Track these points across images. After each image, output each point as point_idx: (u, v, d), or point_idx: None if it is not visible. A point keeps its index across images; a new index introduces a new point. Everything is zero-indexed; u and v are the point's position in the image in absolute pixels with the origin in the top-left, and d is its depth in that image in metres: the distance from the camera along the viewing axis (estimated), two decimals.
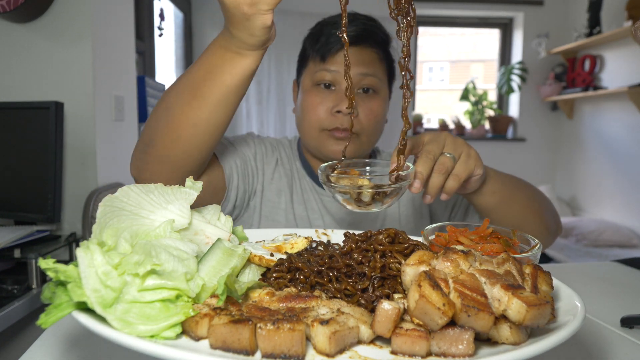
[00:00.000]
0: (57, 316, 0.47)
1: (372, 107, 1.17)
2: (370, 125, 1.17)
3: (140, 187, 0.65)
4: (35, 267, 1.49)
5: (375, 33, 1.20)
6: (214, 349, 0.48)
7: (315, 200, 1.24)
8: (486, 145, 5.29)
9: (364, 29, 1.17)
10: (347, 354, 0.48)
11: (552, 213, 1.14)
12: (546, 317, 0.50)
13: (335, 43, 1.15)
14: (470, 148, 0.90)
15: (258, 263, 0.67)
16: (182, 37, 4.47)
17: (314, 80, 1.18)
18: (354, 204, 0.82)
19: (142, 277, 0.51)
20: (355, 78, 1.14)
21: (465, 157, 0.88)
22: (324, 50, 1.17)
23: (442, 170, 0.85)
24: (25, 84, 1.99)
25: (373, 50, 1.19)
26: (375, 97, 1.18)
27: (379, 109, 1.19)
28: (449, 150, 0.87)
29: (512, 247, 0.71)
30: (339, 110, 1.13)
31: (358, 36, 1.16)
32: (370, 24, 1.20)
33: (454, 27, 5.65)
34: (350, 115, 0.98)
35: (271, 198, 1.21)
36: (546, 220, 1.10)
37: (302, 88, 1.23)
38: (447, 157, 0.86)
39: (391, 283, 0.60)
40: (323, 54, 1.17)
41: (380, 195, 0.81)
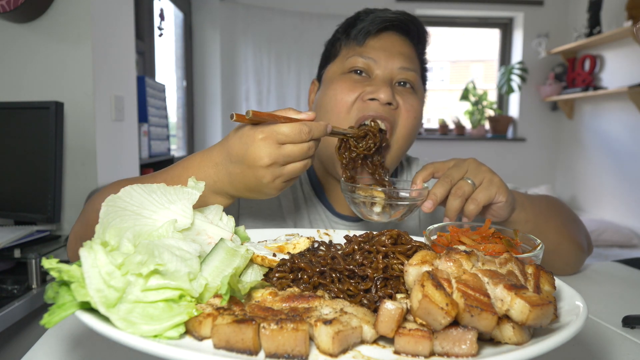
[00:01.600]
0: (61, 316, 0.47)
1: (413, 104, 1.05)
2: (409, 124, 1.04)
3: (143, 187, 0.65)
4: (35, 267, 1.48)
5: (419, 24, 1.10)
6: (218, 349, 0.48)
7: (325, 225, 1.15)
8: (486, 145, 5.30)
9: (408, 18, 1.07)
10: (350, 354, 0.48)
11: (584, 233, 1.12)
12: (549, 317, 0.50)
13: (375, 24, 1.04)
14: (494, 175, 0.90)
15: (261, 263, 0.67)
16: (182, 37, 4.47)
17: (345, 67, 1.05)
18: (366, 212, 0.92)
19: (145, 277, 0.51)
20: (394, 70, 1.03)
21: (487, 183, 0.88)
22: (361, 33, 1.05)
23: (459, 194, 0.86)
24: (25, 84, 1.99)
25: (412, 44, 1.09)
26: (415, 95, 1.07)
27: (419, 108, 1.07)
28: (470, 175, 0.88)
29: (515, 247, 0.71)
30: (375, 97, 0.99)
31: (401, 20, 1.05)
32: (412, 17, 1.09)
33: (454, 27, 5.65)
34: (388, 107, 1.00)
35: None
36: (580, 241, 1.08)
37: (327, 79, 1.09)
38: (466, 182, 0.87)
39: (394, 283, 0.60)
40: (360, 37, 1.05)
41: (391, 208, 0.90)
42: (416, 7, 5.06)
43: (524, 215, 0.96)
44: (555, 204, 1.10)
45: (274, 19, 4.73)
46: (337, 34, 1.13)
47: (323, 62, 1.16)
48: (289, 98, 4.89)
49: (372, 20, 1.05)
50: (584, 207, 4.92)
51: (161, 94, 3.17)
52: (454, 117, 5.47)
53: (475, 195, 0.87)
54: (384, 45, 1.05)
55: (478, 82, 5.47)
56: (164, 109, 3.23)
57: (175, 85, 4.41)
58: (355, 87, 1.01)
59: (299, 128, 0.75)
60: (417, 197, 0.90)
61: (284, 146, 0.75)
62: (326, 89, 1.07)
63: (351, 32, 1.07)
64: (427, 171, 0.93)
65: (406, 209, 0.91)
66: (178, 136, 4.51)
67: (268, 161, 0.74)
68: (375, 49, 1.04)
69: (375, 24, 1.04)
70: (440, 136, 5.38)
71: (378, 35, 1.05)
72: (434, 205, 0.87)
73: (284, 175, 0.77)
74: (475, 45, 7.08)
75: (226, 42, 4.65)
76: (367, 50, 1.04)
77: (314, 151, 0.79)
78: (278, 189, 0.79)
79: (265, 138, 0.74)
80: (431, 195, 0.88)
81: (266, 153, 0.74)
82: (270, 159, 0.74)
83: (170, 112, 3.68)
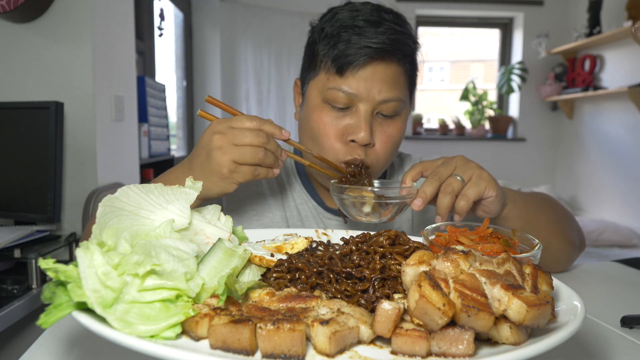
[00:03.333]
0: (57, 316, 0.47)
1: (392, 133, 1.03)
2: (386, 155, 1.04)
3: (140, 187, 0.65)
4: (35, 267, 1.49)
5: (405, 45, 1.01)
6: (214, 349, 0.48)
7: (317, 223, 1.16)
8: (486, 145, 5.30)
9: (394, 40, 0.98)
10: (347, 354, 0.48)
11: (576, 230, 1.12)
12: (546, 317, 0.50)
13: (357, 56, 0.96)
14: (482, 170, 0.90)
15: (258, 263, 0.67)
16: (182, 37, 4.47)
17: (325, 97, 1.01)
18: (356, 214, 0.93)
19: (142, 277, 0.51)
20: (375, 102, 0.99)
21: (476, 178, 0.88)
22: (342, 63, 0.98)
23: (448, 191, 0.87)
24: (25, 84, 1.99)
25: (400, 65, 1.01)
26: (395, 120, 1.04)
27: (398, 134, 1.05)
28: (459, 172, 0.89)
29: (512, 247, 0.71)
30: (354, 139, 0.99)
31: (385, 50, 0.97)
32: (400, 31, 1.01)
33: (454, 27, 5.65)
34: (365, 146, 1.02)
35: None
36: (571, 238, 1.08)
37: (309, 98, 1.06)
38: (455, 178, 0.88)
39: (391, 283, 0.60)
40: (340, 67, 0.98)
41: (380, 208, 0.91)
42: (416, 7, 5.07)
43: (516, 211, 0.96)
44: (547, 200, 1.10)
45: (274, 19, 4.73)
46: (317, 45, 1.05)
47: (305, 69, 1.11)
48: (288, 98, 4.89)
49: (354, 52, 0.97)
50: (584, 207, 4.92)
51: (161, 94, 3.17)
52: (454, 117, 5.47)
53: (465, 191, 0.87)
54: (366, 77, 0.98)
55: (478, 82, 5.47)
56: (164, 109, 3.23)
57: (175, 85, 4.41)
58: (337, 123, 1.01)
59: (250, 117, 0.85)
60: (407, 195, 0.91)
61: (235, 128, 0.84)
62: (309, 114, 1.05)
63: (331, 53, 1.00)
64: (416, 170, 0.93)
65: (396, 208, 0.92)
66: (178, 136, 4.51)
67: (218, 137, 0.83)
68: (356, 81, 0.98)
69: (357, 56, 0.97)
70: (440, 136, 5.38)
71: (360, 67, 0.98)
72: (423, 203, 0.88)
73: (234, 153, 0.83)
74: (475, 45, 7.08)
75: (226, 42, 4.65)
76: (347, 83, 0.98)
77: (269, 148, 0.85)
78: (227, 169, 0.84)
79: (219, 121, 0.86)
80: (420, 193, 0.88)
81: (217, 129, 0.84)
82: (220, 134, 0.83)
83: (170, 112, 3.68)
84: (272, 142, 0.86)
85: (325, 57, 1.01)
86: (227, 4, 4.62)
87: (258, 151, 0.84)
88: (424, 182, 0.89)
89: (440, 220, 0.89)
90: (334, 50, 0.99)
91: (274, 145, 0.87)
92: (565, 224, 1.08)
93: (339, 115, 1.01)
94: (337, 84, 0.99)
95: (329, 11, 1.06)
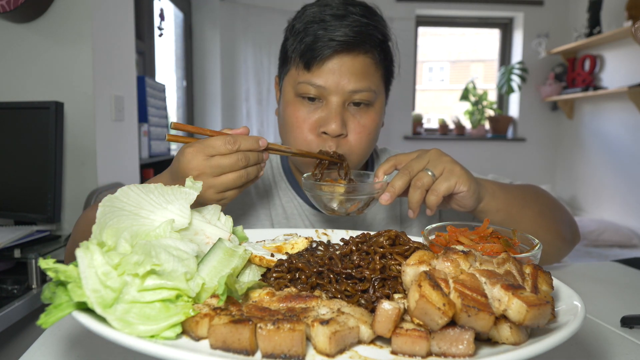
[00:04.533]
0: (58, 316, 0.47)
1: (365, 123, 1.03)
2: (361, 145, 1.04)
3: (140, 187, 0.65)
4: (35, 267, 1.48)
5: (371, 36, 1.01)
6: (214, 349, 0.48)
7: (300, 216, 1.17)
8: (486, 145, 5.30)
9: (359, 31, 0.99)
10: (347, 354, 0.48)
11: (567, 223, 1.10)
12: (546, 317, 0.50)
13: (322, 49, 0.97)
14: (455, 165, 0.89)
15: (258, 263, 0.67)
16: (182, 37, 4.47)
17: (297, 91, 1.03)
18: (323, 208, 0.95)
19: (142, 277, 0.51)
20: (345, 94, 1.00)
21: (447, 173, 0.88)
22: (308, 58, 0.99)
23: (418, 185, 0.87)
24: (25, 84, 1.99)
25: (368, 56, 1.01)
26: (368, 111, 1.04)
27: (372, 124, 1.05)
28: (431, 166, 0.88)
29: (512, 247, 0.71)
30: (325, 131, 1.00)
31: (349, 43, 0.98)
32: (365, 23, 1.00)
33: (454, 27, 5.66)
34: (337, 137, 1.02)
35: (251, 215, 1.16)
36: (561, 232, 1.06)
37: (284, 93, 1.08)
38: (426, 173, 0.88)
39: (392, 283, 0.60)
40: (307, 62, 1.00)
41: (347, 202, 0.92)
42: (416, 7, 5.07)
43: (495, 204, 0.95)
44: (535, 192, 1.09)
45: (274, 19, 4.73)
46: (287, 36, 1.08)
47: (280, 65, 1.12)
48: None
49: (320, 45, 0.98)
50: (584, 207, 4.92)
51: (161, 94, 3.17)
52: (454, 117, 5.47)
53: (435, 186, 0.87)
54: (333, 70, 0.99)
55: (478, 82, 5.47)
56: (164, 109, 3.23)
57: (175, 85, 4.41)
58: (308, 117, 1.02)
59: (224, 139, 0.81)
60: (375, 190, 0.91)
61: (212, 158, 0.80)
62: (284, 109, 1.07)
63: (298, 48, 1.01)
64: (389, 163, 0.93)
65: (362, 203, 0.92)
66: None
67: (196, 172, 0.80)
68: (323, 75, 0.99)
69: (322, 49, 0.97)
70: (440, 136, 5.38)
71: (326, 60, 0.99)
72: (391, 198, 0.88)
73: (217, 186, 0.81)
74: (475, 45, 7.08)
75: (226, 42, 4.65)
76: (315, 77, 0.99)
77: (251, 163, 0.83)
78: (214, 200, 0.82)
79: (194, 151, 0.81)
80: (389, 187, 0.88)
81: (194, 164, 0.80)
82: (198, 170, 0.80)
83: (170, 112, 3.68)
84: (252, 157, 0.84)
85: (294, 52, 1.03)
86: (227, 4, 4.62)
87: (241, 175, 0.82)
88: (394, 176, 0.89)
89: (412, 214, 0.89)
90: (301, 45, 1.01)
91: (255, 158, 0.85)
92: (553, 217, 1.06)
93: (311, 109, 1.02)
94: (306, 78, 1.00)
95: (302, 8, 1.08)
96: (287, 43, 1.07)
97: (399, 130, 5.21)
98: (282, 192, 1.20)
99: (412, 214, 0.89)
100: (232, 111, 4.80)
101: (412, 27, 5.07)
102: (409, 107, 5.26)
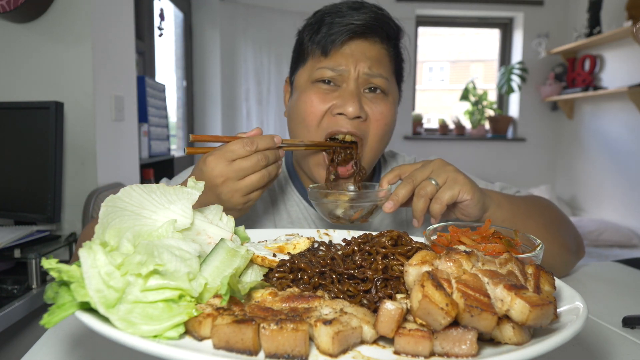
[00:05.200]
0: (61, 316, 0.47)
1: (383, 111, 1.04)
2: (380, 132, 1.04)
3: (142, 187, 0.65)
4: (35, 267, 1.48)
5: (387, 24, 1.05)
6: (217, 349, 0.48)
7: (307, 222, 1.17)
8: (486, 145, 5.30)
9: (375, 18, 1.02)
10: (350, 354, 0.48)
11: (572, 236, 1.09)
12: (549, 317, 0.50)
13: (340, 34, 1.00)
14: (458, 173, 0.89)
15: (261, 264, 0.67)
16: (182, 37, 4.47)
17: (313, 77, 1.04)
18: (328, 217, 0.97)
19: (144, 277, 0.51)
20: (362, 76, 1.02)
21: (450, 182, 0.88)
22: (326, 43, 1.02)
23: (422, 194, 0.87)
24: (25, 84, 1.99)
25: (382, 46, 1.05)
26: (385, 99, 1.05)
27: (390, 115, 1.06)
28: (434, 175, 0.89)
29: (515, 247, 0.71)
30: (342, 112, 1.00)
31: (367, 26, 1.01)
32: (380, 14, 1.05)
33: (454, 27, 5.66)
34: (356, 120, 1.02)
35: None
36: (567, 244, 1.05)
37: (297, 86, 1.08)
38: (429, 182, 0.88)
39: (394, 284, 0.60)
40: (324, 47, 1.02)
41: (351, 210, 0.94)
42: (416, 7, 5.07)
43: (500, 214, 0.95)
44: (540, 204, 1.08)
45: (274, 19, 4.73)
46: (302, 36, 1.10)
47: (293, 64, 1.14)
48: None
49: (337, 30, 1.01)
50: (584, 207, 4.92)
51: (161, 94, 3.17)
52: (454, 117, 5.47)
53: (439, 195, 0.87)
54: (350, 53, 1.02)
55: (478, 82, 5.47)
56: (164, 109, 3.23)
57: (175, 85, 4.41)
58: (324, 99, 1.02)
59: (242, 142, 0.83)
60: (379, 197, 0.93)
61: (234, 162, 0.83)
62: (297, 99, 1.07)
63: (315, 38, 1.04)
64: (393, 173, 0.95)
65: (365, 210, 0.95)
66: (178, 136, 4.51)
67: (221, 179, 0.83)
68: (341, 58, 1.02)
69: (340, 34, 1.00)
70: (440, 136, 5.38)
71: (343, 44, 1.02)
72: (395, 206, 0.89)
73: (242, 189, 0.83)
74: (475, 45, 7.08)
75: (226, 42, 4.65)
76: (333, 61, 1.02)
77: (271, 162, 0.86)
78: (242, 203, 0.85)
79: (215, 158, 0.83)
80: (393, 196, 0.90)
81: (218, 171, 0.82)
82: (223, 176, 0.83)
83: (170, 112, 3.68)
84: (270, 155, 0.86)
85: (310, 43, 1.05)
86: (227, 4, 4.61)
87: (263, 175, 0.85)
88: (398, 185, 0.91)
89: (416, 224, 0.90)
90: (318, 35, 1.03)
91: (273, 156, 0.87)
92: (558, 229, 1.06)
93: (327, 91, 1.03)
94: (324, 64, 1.02)
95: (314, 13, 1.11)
96: (302, 39, 1.09)
97: (399, 130, 5.21)
98: (287, 196, 1.19)
99: (416, 223, 0.90)
100: (232, 111, 4.80)
101: (412, 27, 5.08)
102: (409, 107, 5.26)
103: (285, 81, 1.18)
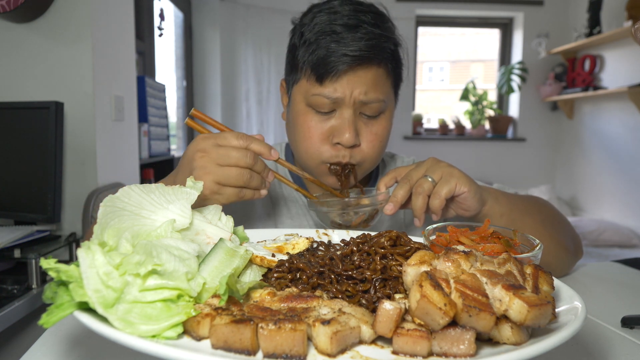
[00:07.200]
0: (59, 316, 0.47)
1: (377, 131, 1.04)
2: (374, 153, 1.05)
3: (141, 187, 0.65)
4: (35, 267, 1.49)
5: (384, 48, 1.00)
6: (216, 349, 0.48)
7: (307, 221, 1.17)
8: (486, 145, 5.30)
9: (372, 45, 0.97)
10: (348, 354, 0.48)
11: (570, 235, 1.09)
12: (547, 317, 0.50)
13: (337, 64, 0.96)
14: (453, 168, 0.90)
15: (259, 264, 0.67)
16: (182, 37, 4.47)
17: (309, 102, 1.01)
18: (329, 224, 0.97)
19: (143, 277, 0.51)
20: (357, 103, 0.99)
21: (446, 176, 0.89)
22: (322, 71, 0.97)
23: (419, 192, 0.88)
24: (25, 84, 1.99)
25: (380, 67, 1.01)
26: (380, 119, 1.04)
27: (384, 132, 1.05)
28: (429, 173, 0.90)
29: (513, 247, 0.71)
30: (339, 142, 1.00)
31: (362, 57, 0.96)
32: (378, 34, 0.98)
33: (454, 27, 5.66)
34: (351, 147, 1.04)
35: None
36: (564, 242, 1.05)
37: (294, 103, 1.06)
38: (425, 179, 0.89)
39: (392, 284, 0.60)
40: (320, 75, 0.98)
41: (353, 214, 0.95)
42: (416, 7, 5.07)
43: (498, 208, 0.95)
44: (537, 202, 1.09)
45: (274, 19, 4.73)
46: (295, 43, 1.05)
47: (287, 70, 1.10)
48: None
49: (333, 59, 0.96)
50: (584, 207, 4.92)
51: (161, 94, 3.17)
52: (454, 117, 5.47)
53: (436, 190, 0.88)
54: (346, 81, 0.98)
55: (478, 82, 5.47)
56: (164, 109, 3.23)
57: (175, 85, 4.41)
58: (321, 126, 1.01)
59: (238, 134, 0.83)
60: (378, 201, 0.94)
61: (221, 147, 0.82)
62: (294, 119, 1.05)
63: (310, 59, 0.99)
64: (390, 176, 0.96)
65: (366, 215, 0.96)
66: (178, 136, 4.51)
67: (201, 154, 0.81)
68: (336, 85, 0.98)
69: (335, 64, 0.96)
70: (440, 136, 5.38)
71: (339, 73, 0.97)
72: (395, 208, 0.90)
73: (216, 174, 0.80)
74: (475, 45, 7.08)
75: (226, 42, 4.65)
76: (328, 88, 0.98)
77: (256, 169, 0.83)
78: (209, 188, 0.81)
79: (206, 137, 0.83)
80: (391, 197, 0.90)
81: (201, 147, 0.82)
82: (204, 152, 0.81)
83: (170, 112, 3.68)
84: (259, 163, 0.84)
85: (305, 63, 1.01)
86: (227, 4, 4.62)
87: (243, 173, 0.81)
88: (395, 187, 0.92)
89: (418, 223, 0.90)
90: (313, 58, 0.98)
91: (261, 166, 0.85)
92: (556, 227, 1.05)
93: (323, 119, 1.02)
94: (319, 91, 0.99)
95: (309, 11, 1.05)
96: (296, 52, 1.04)
97: (399, 130, 5.21)
98: (287, 191, 1.20)
99: (417, 222, 0.90)
100: (232, 111, 4.80)
101: (412, 27, 5.08)
102: (409, 107, 5.26)
103: (281, 83, 1.15)
